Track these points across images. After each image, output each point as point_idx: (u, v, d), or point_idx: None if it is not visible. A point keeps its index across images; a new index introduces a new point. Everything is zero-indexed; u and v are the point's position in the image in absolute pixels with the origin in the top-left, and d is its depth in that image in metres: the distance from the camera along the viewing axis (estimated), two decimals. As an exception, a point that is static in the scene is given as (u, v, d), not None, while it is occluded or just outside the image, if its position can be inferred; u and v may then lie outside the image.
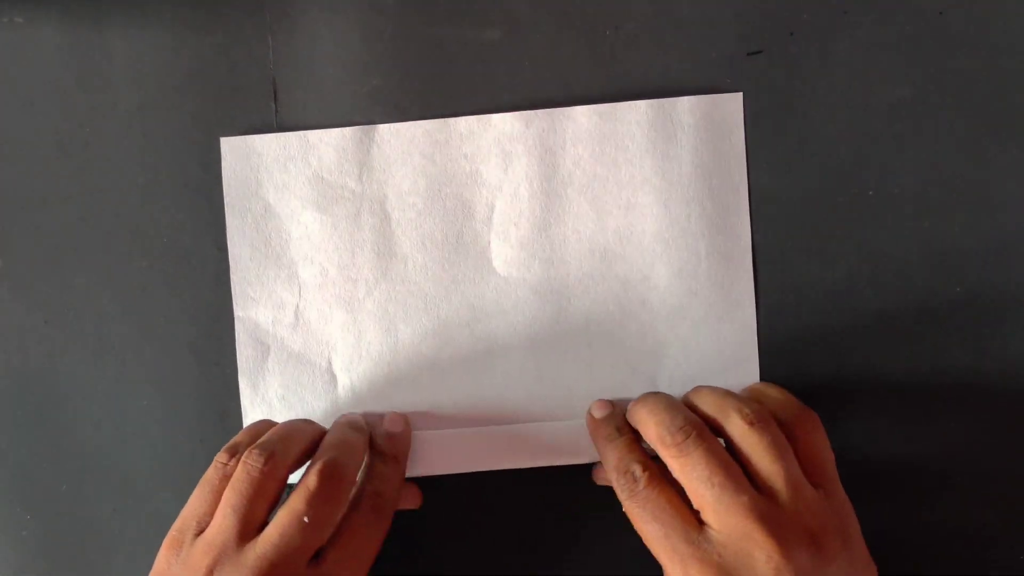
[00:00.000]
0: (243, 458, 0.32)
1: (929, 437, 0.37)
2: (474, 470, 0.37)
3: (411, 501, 0.37)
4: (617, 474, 0.33)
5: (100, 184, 0.38)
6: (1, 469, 0.38)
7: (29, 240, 0.38)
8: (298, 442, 0.34)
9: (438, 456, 0.37)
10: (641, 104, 0.37)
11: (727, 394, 0.33)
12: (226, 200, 0.38)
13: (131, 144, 0.38)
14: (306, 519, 0.31)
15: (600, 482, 0.37)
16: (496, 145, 0.37)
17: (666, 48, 0.37)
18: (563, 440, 0.37)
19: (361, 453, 0.35)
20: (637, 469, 0.32)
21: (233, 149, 0.38)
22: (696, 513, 0.31)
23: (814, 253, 0.37)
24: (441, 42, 0.38)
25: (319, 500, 0.31)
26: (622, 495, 0.32)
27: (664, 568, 0.31)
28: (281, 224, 0.38)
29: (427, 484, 0.37)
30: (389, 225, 0.38)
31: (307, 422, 0.36)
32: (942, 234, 0.37)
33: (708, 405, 0.33)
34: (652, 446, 0.33)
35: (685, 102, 0.37)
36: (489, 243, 0.38)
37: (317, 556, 0.32)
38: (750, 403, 0.32)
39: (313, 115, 0.38)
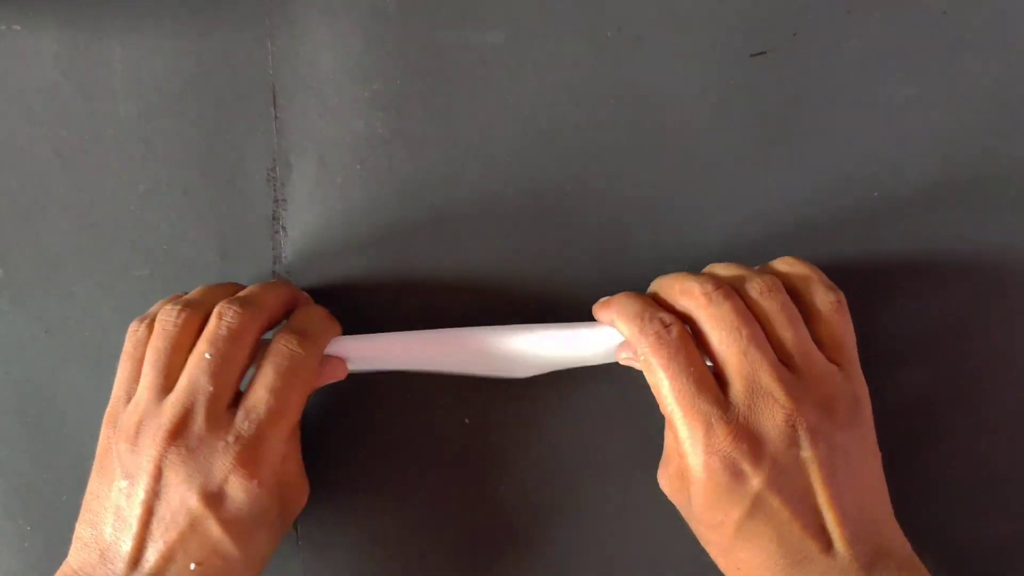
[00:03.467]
0: (157, 316, 0.32)
1: (946, 440, 0.37)
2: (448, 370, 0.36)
3: (335, 373, 0.34)
4: (642, 321, 0.31)
5: (100, 192, 0.38)
6: (2, 480, 0.38)
7: (29, 249, 0.38)
8: (218, 294, 0.33)
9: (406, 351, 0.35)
10: None
11: (743, 267, 0.33)
12: None
13: (131, 151, 0.38)
14: (207, 356, 0.30)
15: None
16: None
17: (670, 49, 0.37)
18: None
19: (273, 301, 0.33)
20: (666, 316, 0.31)
21: None
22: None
23: (820, 255, 0.37)
24: (443, 46, 0.37)
25: (217, 338, 0.31)
26: (647, 340, 0.30)
27: (678, 427, 0.30)
28: None
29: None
30: None
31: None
32: (950, 235, 0.37)
33: (726, 273, 0.33)
34: (677, 302, 0.32)
35: None
36: None
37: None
38: (764, 276, 0.32)
39: (313, 120, 0.37)
